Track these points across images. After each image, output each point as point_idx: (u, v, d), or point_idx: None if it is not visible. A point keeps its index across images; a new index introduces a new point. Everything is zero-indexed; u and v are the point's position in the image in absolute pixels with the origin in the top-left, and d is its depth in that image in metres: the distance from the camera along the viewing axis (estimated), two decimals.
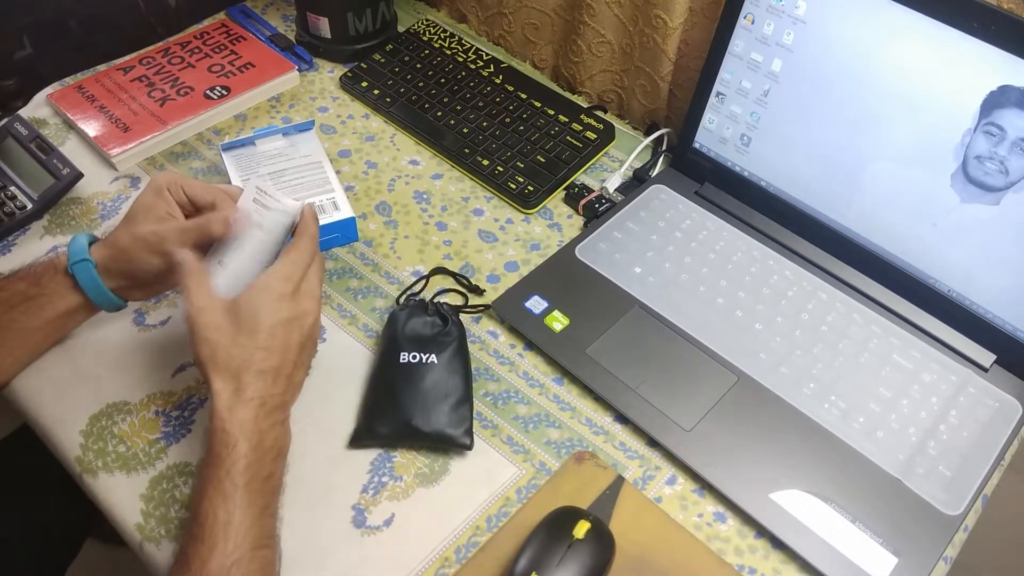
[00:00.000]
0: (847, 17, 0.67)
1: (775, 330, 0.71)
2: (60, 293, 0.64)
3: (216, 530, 0.51)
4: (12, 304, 0.64)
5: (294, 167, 0.81)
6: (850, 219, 0.74)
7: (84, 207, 0.81)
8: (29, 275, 0.64)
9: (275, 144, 0.82)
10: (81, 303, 0.65)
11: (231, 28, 0.99)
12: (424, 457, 0.65)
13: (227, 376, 0.55)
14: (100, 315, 0.70)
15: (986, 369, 0.69)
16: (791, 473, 0.63)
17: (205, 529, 0.51)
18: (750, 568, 0.60)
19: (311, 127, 0.84)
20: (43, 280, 0.64)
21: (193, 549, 0.51)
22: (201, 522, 0.52)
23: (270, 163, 0.81)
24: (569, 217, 0.83)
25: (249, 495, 0.53)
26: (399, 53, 0.97)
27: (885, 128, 0.68)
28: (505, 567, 0.57)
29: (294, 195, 0.78)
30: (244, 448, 0.53)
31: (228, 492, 0.52)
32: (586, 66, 0.93)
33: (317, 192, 0.79)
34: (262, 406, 0.55)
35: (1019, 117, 0.61)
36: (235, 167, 0.80)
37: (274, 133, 0.83)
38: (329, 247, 0.79)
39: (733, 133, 0.79)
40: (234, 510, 0.52)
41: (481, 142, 0.87)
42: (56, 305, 0.64)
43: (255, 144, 0.82)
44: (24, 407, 0.67)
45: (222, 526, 0.51)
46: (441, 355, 0.66)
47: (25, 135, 0.82)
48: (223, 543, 0.51)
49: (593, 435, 0.67)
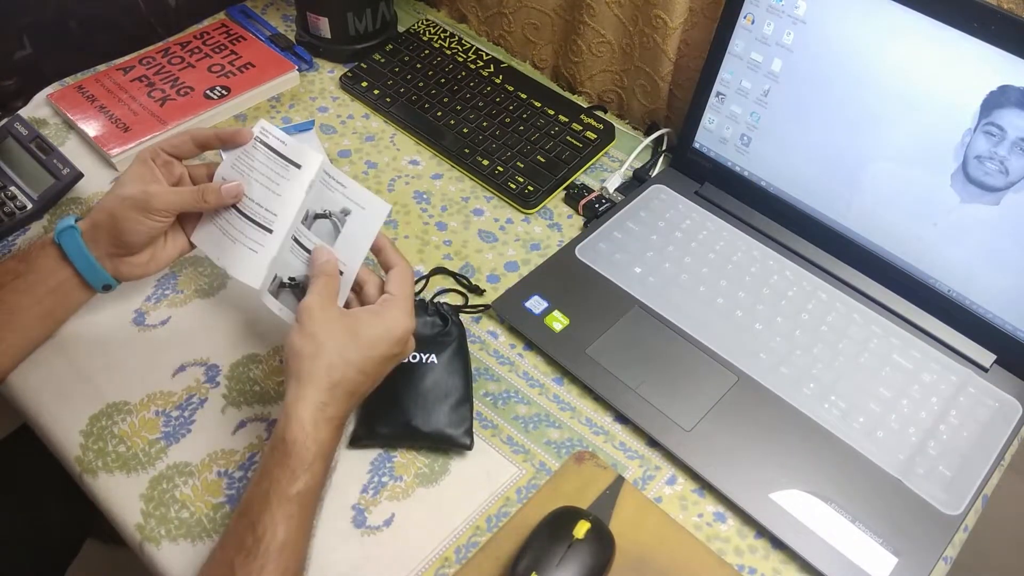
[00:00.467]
0: (847, 17, 0.67)
1: (775, 330, 0.71)
2: (49, 267, 0.63)
3: (272, 548, 0.50)
4: (2, 282, 0.62)
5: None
6: (850, 219, 0.74)
7: (84, 207, 0.81)
8: (19, 253, 0.63)
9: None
10: (70, 277, 0.63)
11: (231, 28, 0.99)
12: (424, 457, 0.65)
13: (320, 386, 0.53)
14: (100, 315, 0.70)
15: (986, 369, 0.69)
16: (791, 473, 0.63)
17: (261, 545, 0.50)
18: (750, 568, 0.60)
19: (311, 127, 0.84)
20: (31, 255, 0.63)
21: (242, 560, 0.50)
22: (259, 536, 0.50)
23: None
24: (569, 217, 0.83)
25: (308, 516, 0.52)
26: (399, 53, 0.97)
27: (885, 128, 0.68)
28: (505, 567, 0.57)
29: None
30: (319, 468, 0.52)
31: (293, 512, 0.51)
32: (586, 66, 0.93)
33: None
34: (340, 427, 0.55)
35: (1019, 117, 0.61)
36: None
37: None
38: None
39: (733, 133, 0.79)
40: (294, 530, 0.51)
41: (481, 142, 0.87)
42: (47, 281, 0.63)
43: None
44: (24, 407, 0.67)
45: (279, 545, 0.50)
46: (441, 355, 0.66)
47: (25, 135, 0.82)
48: (275, 564, 0.50)
49: (593, 435, 0.67)
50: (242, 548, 0.50)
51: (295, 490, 0.51)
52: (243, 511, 0.53)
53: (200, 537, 0.60)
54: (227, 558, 0.51)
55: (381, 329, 0.56)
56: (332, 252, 0.60)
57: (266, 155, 0.64)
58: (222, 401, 0.67)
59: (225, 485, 0.62)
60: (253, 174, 0.64)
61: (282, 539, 0.50)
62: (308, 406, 0.53)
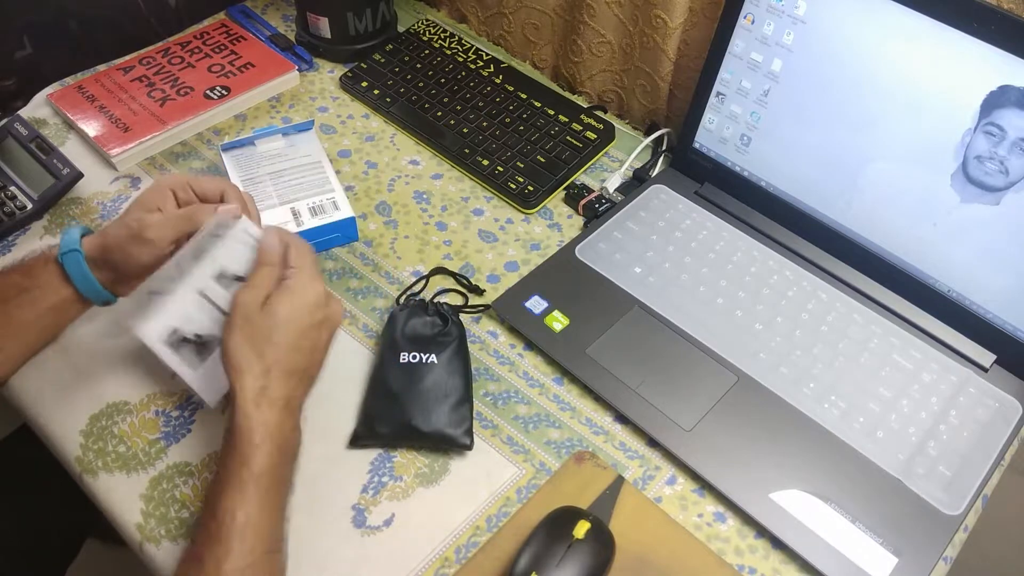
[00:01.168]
0: (847, 17, 0.67)
1: (775, 330, 0.71)
2: (52, 285, 0.63)
3: (234, 531, 0.51)
4: (7, 297, 0.63)
5: (293, 167, 0.81)
6: (850, 219, 0.74)
7: (84, 207, 0.81)
8: (22, 267, 0.63)
9: (275, 144, 0.83)
10: (71, 295, 0.64)
11: (231, 28, 0.99)
12: (424, 457, 0.65)
13: (256, 373, 0.54)
14: (100, 315, 0.69)
15: (986, 369, 0.69)
16: (791, 473, 0.63)
17: (223, 529, 0.51)
18: (750, 568, 0.60)
19: (311, 127, 0.84)
20: (35, 271, 0.63)
21: (208, 548, 0.51)
22: (220, 521, 0.51)
23: (269, 163, 0.81)
24: (569, 217, 0.83)
25: (269, 497, 0.53)
26: (399, 53, 0.97)
27: (885, 128, 0.68)
28: (505, 567, 0.57)
29: (293, 195, 0.78)
30: (269, 448, 0.53)
31: (249, 493, 0.52)
32: (586, 66, 0.93)
33: (317, 192, 0.79)
34: (286, 407, 0.55)
35: (1019, 117, 0.61)
36: (235, 168, 0.80)
37: (274, 133, 0.83)
38: (329, 247, 0.79)
39: (733, 133, 0.79)
40: (253, 512, 0.52)
41: (481, 142, 0.87)
42: (48, 297, 0.63)
43: (255, 144, 0.82)
44: (24, 407, 0.67)
45: (240, 527, 0.51)
46: (441, 355, 0.66)
47: (25, 135, 0.82)
48: (239, 544, 0.51)
49: (593, 435, 0.67)
50: (208, 536, 0.52)
51: (247, 472, 0.52)
52: (204, 504, 0.54)
53: None
54: (196, 549, 0.52)
55: (291, 302, 0.56)
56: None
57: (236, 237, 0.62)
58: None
59: None
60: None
61: (242, 521, 0.51)
62: (247, 391, 0.54)
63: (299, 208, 0.77)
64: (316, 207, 0.77)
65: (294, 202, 0.78)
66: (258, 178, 0.80)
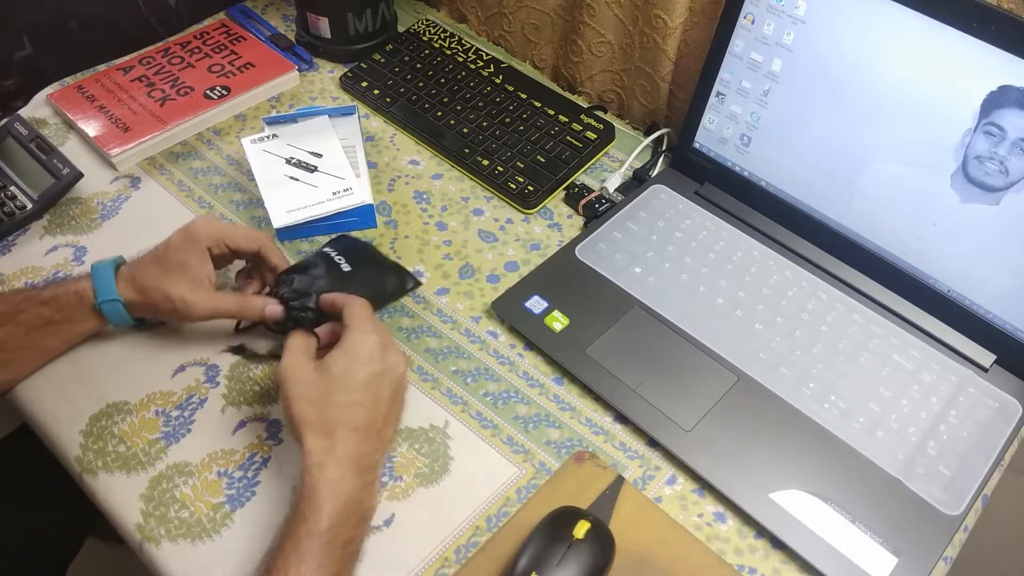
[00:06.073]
0: (847, 17, 0.67)
1: (775, 330, 0.71)
2: (84, 319, 0.66)
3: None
4: (33, 326, 0.65)
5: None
6: (850, 219, 0.74)
7: (84, 207, 0.81)
8: (52, 301, 0.65)
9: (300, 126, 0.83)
10: (101, 326, 0.67)
11: (231, 28, 0.99)
12: (424, 457, 0.65)
13: (319, 433, 0.54)
14: None
15: (986, 369, 0.69)
16: (791, 473, 0.63)
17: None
18: (750, 568, 0.60)
19: (354, 111, 0.85)
20: (67, 309, 0.65)
21: None
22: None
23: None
24: (569, 217, 0.83)
25: (326, 559, 0.51)
26: (399, 53, 0.97)
27: (885, 128, 0.68)
28: (505, 567, 0.57)
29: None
30: (328, 508, 0.52)
31: (304, 553, 0.51)
32: (586, 66, 0.93)
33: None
34: (352, 465, 0.54)
35: (1019, 117, 0.61)
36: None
37: (319, 114, 0.84)
38: (347, 230, 0.80)
39: (733, 133, 0.79)
40: (307, 573, 0.51)
41: (481, 142, 0.87)
42: (77, 328, 0.67)
43: (296, 121, 0.83)
44: (24, 407, 0.67)
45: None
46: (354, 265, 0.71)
47: (25, 135, 0.82)
48: None
49: (593, 435, 0.67)
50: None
51: (304, 530, 0.51)
52: (264, 561, 0.53)
53: (200, 537, 0.60)
54: None
55: (347, 357, 0.57)
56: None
57: None
58: (222, 401, 0.67)
59: (225, 485, 0.62)
60: None
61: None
62: (312, 454, 0.54)
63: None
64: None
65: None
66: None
